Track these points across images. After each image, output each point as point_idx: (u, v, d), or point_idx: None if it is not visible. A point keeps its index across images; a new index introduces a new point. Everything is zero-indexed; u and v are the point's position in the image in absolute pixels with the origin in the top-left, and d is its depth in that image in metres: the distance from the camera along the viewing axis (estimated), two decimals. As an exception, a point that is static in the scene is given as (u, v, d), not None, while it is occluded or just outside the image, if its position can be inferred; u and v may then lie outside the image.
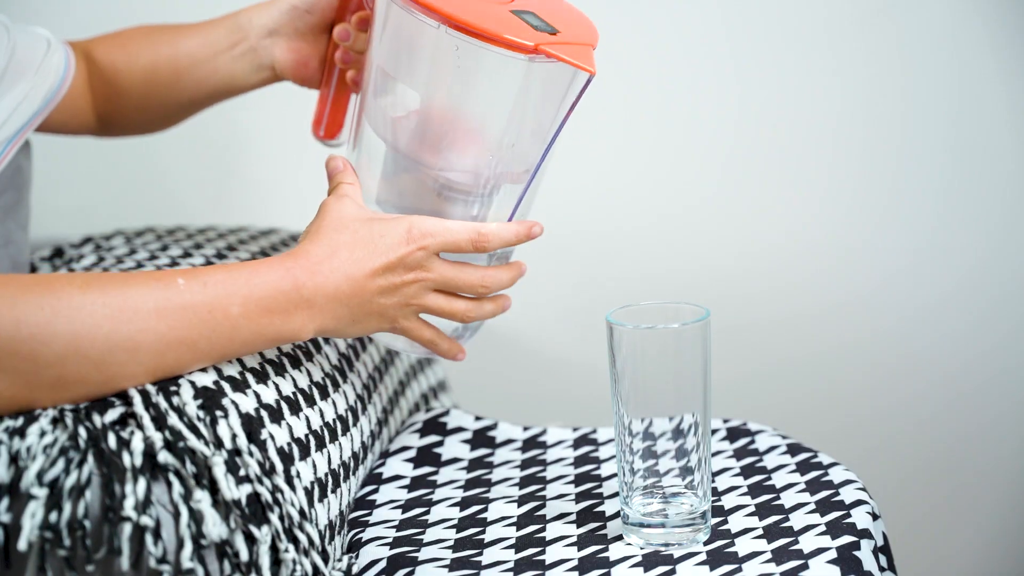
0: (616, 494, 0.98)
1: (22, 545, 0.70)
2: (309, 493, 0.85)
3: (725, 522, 0.92)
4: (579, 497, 0.99)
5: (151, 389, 0.80)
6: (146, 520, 0.72)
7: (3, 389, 0.75)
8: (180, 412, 0.78)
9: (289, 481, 0.82)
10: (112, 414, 0.78)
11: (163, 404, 0.79)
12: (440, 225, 0.90)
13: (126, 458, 0.74)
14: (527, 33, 0.88)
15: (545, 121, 0.92)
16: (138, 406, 0.78)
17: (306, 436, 0.88)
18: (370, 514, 0.98)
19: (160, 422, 0.77)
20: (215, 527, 0.74)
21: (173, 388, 0.81)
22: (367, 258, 0.88)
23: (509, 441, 1.11)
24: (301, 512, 0.81)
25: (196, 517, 0.74)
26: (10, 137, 1.03)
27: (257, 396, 0.84)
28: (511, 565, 0.88)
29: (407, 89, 0.93)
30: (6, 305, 0.74)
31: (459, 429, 1.12)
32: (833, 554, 0.86)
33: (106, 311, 0.77)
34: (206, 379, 0.83)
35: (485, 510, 0.98)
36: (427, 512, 0.98)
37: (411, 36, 0.91)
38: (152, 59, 1.12)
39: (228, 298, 0.82)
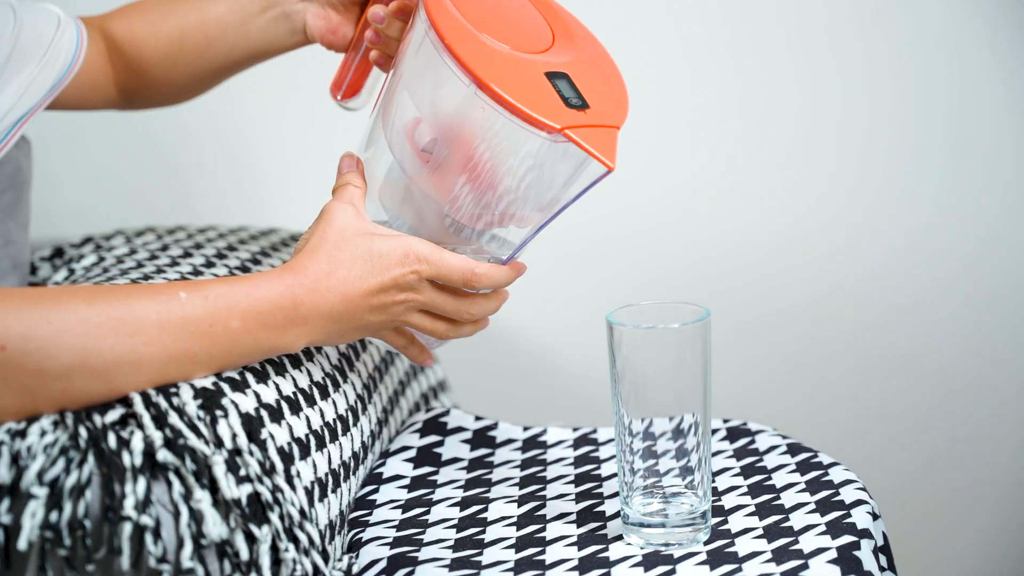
0: (616, 494, 0.98)
1: (21, 544, 0.70)
2: (309, 493, 0.85)
3: (725, 522, 0.92)
4: (579, 497, 0.99)
5: (151, 391, 0.80)
6: (146, 519, 0.72)
7: (9, 403, 0.75)
8: (180, 412, 0.79)
9: (289, 480, 0.82)
10: (112, 415, 0.78)
11: (163, 404, 0.79)
12: (437, 254, 0.91)
13: (126, 457, 0.74)
14: (555, 108, 0.87)
15: (556, 187, 0.91)
16: (138, 406, 0.78)
17: (306, 436, 0.88)
18: (370, 514, 0.98)
19: (160, 421, 0.77)
20: (215, 527, 0.74)
21: (173, 389, 0.81)
22: (363, 277, 0.89)
23: (509, 441, 1.11)
24: (301, 512, 0.81)
25: (196, 517, 0.74)
26: (15, 121, 1.02)
27: (257, 396, 0.84)
28: (511, 565, 0.88)
29: (426, 126, 0.93)
30: (12, 318, 0.75)
31: (459, 429, 1.12)
32: (833, 554, 0.86)
33: (111, 324, 0.78)
34: (205, 380, 0.83)
35: (485, 510, 0.98)
36: (427, 512, 0.98)
37: (439, 78, 0.90)
38: (178, 27, 1.12)
39: (228, 312, 0.83)
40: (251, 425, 0.81)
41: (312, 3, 1.07)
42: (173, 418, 0.78)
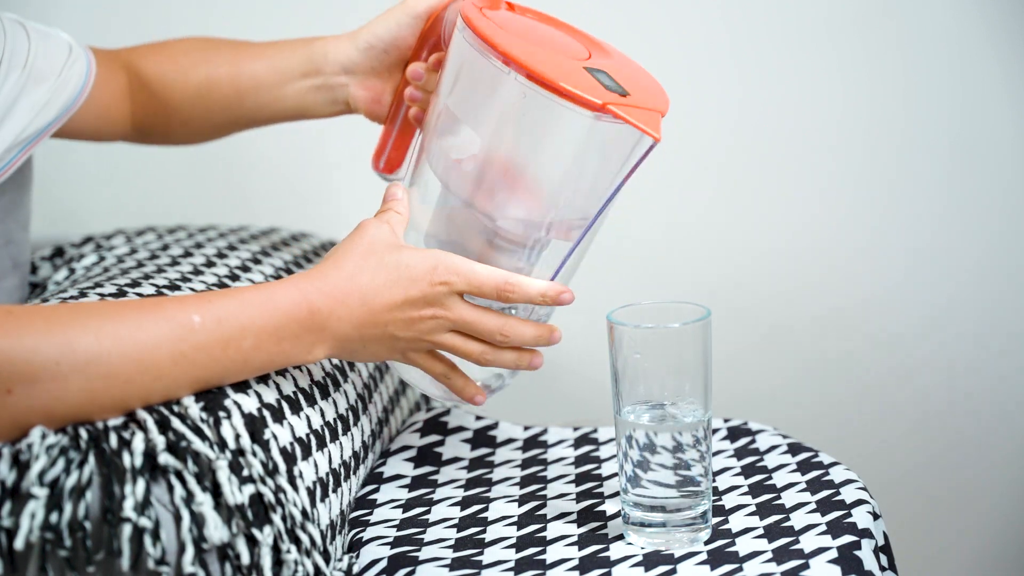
0: (616, 493, 0.99)
1: (19, 544, 0.70)
2: (311, 493, 0.85)
3: (726, 522, 0.93)
4: (580, 496, 0.99)
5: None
6: (144, 521, 0.72)
7: (14, 435, 0.75)
8: (183, 417, 0.78)
9: (292, 481, 0.82)
10: (114, 419, 0.77)
11: (164, 409, 0.79)
12: (468, 266, 0.88)
13: (126, 458, 0.74)
14: (597, 91, 0.87)
15: (603, 180, 0.91)
16: (140, 411, 0.78)
17: (307, 435, 0.88)
18: (371, 513, 0.98)
19: (163, 425, 0.77)
20: (217, 530, 0.74)
21: None
22: (386, 287, 0.86)
23: (510, 440, 1.11)
24: (303, 512, 0.80)
25: (198, 520, 0.74)
26: (24, 142, 1.02)
27: (259, 396, 0.84)
28: (512, 564, 0.88)
29: (471, 133, 0.93)
30: (22, 361, 0.73)
31: (460, 428, 1.12)
32: (834, 554, 0.86)
33: (122, 362, 0.76)
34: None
35: (486, 509, 0.98)
36: (428, 511, 0.98)
37: (482, 79, 0.91)
38: (208, 76, 1.10)
39: (242, 331, 0.81)
40: (254, 425, 0.81)
41: (356, 75, 1.06)
42: (175, 422, 0.77)
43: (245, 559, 0.75)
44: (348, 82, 1.07)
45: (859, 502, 0.94)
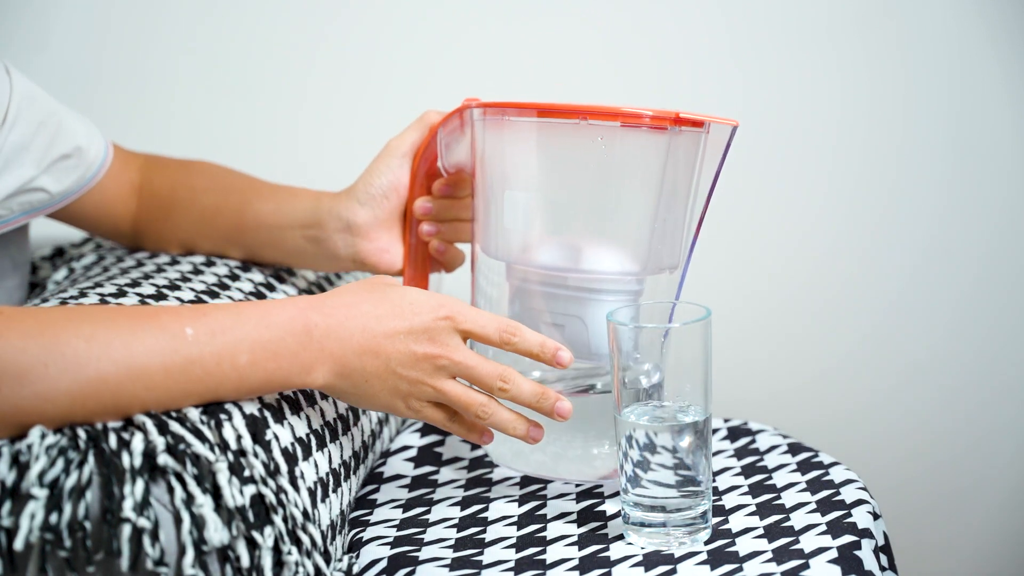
0: (617, 493, 0.99)
1: (18, 545, 0.70)
2: (312, 493, 0.85)
3: (726, 521, 0.93)
4: (580, 496, 0.99)
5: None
6: (143, 522, 0.72)
7: (8, 433, 0.75)
8: (182, 420, 0.78)
9: (293, 482, 0.82)
10: (114, 422, 0.77)
11: (162, 414, 0.78)
12: (470, 310, 0.88)
13: (125, 459, 0.74)
14: (655, 112, 0.92)
15: (682, 191, 0.94)
16: (139, 415, 0.77)
17: (307, 435, 0.87)
18: (371, 513, 0.98)
19: (163, 428, 0.77)
20: (217, 532, 0.74)
21: None
22: (389, 317, 0.85)
23: (510, 441, 1.11)
24: (304, 513, 0.80)
25: (198, 522, 0.73)
26: (30, 207, 1.03)
27: (259, 397, 0.84)
28: (512, 564, 0.88)
29: (547, 203, 0.96)
30: (9, 360, 0.73)
31: (460, 429, 1.12)
32: (834, 553, 0.86)
33: (112, 367, 0.75)
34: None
35: (486, 509, 0.98)
36: (428, 511, 0.98)
37: (544, 148, 0.94)
38: (217, 204, 1.11)
39: (236, 346, 0.80)
40: (256, 426, 0.81)
41: (359, 229, 1.05)
42: (174, 426, 0.77)
43: (245, 561, 0.75)
44: (353, 240, 1.05)
45: (859, 502, 0.94)
